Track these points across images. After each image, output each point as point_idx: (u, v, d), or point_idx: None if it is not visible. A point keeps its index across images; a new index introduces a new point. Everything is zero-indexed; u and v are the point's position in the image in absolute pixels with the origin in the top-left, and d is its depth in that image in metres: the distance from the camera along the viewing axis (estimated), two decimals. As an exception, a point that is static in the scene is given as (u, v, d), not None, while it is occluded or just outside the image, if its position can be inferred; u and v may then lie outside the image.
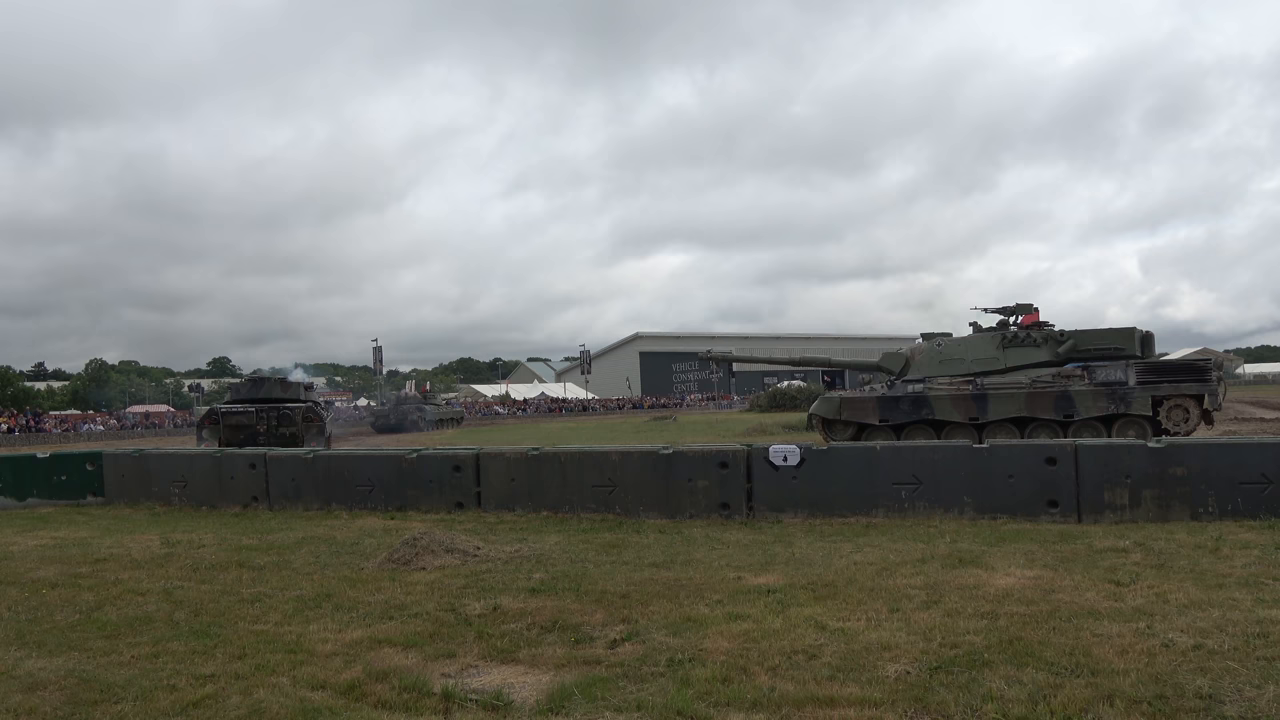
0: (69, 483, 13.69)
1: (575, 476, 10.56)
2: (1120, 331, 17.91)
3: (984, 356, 18.52)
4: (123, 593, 7.06)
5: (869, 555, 7.48)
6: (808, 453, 9.76)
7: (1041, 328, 18.58)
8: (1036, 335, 18.22)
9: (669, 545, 8.37)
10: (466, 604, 6.23)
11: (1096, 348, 17.78)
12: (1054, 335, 18.04)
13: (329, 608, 6.32)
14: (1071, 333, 18.10)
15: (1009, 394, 17.37)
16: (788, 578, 6.71)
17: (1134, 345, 17.73)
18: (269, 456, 12.42)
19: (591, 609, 5.97)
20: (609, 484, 10.37)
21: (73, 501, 13.51)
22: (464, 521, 10.33)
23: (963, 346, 18.98)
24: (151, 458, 13.45)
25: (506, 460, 11.06)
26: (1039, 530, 8.49)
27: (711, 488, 9.92)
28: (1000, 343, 18.48)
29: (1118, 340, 17.80)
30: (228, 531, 10.27)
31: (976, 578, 6.51)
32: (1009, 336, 18.44)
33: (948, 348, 19.13)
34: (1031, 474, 9.08)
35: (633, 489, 10.25)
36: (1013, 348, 18.31)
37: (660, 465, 10.20)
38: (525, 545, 8.52)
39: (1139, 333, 17.88)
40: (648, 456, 10.38)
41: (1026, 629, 5.13)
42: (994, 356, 18.40)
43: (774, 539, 8.52)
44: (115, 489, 13.46)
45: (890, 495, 9.41)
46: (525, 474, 10.83)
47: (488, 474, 11.03)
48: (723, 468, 9.91)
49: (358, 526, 10.27)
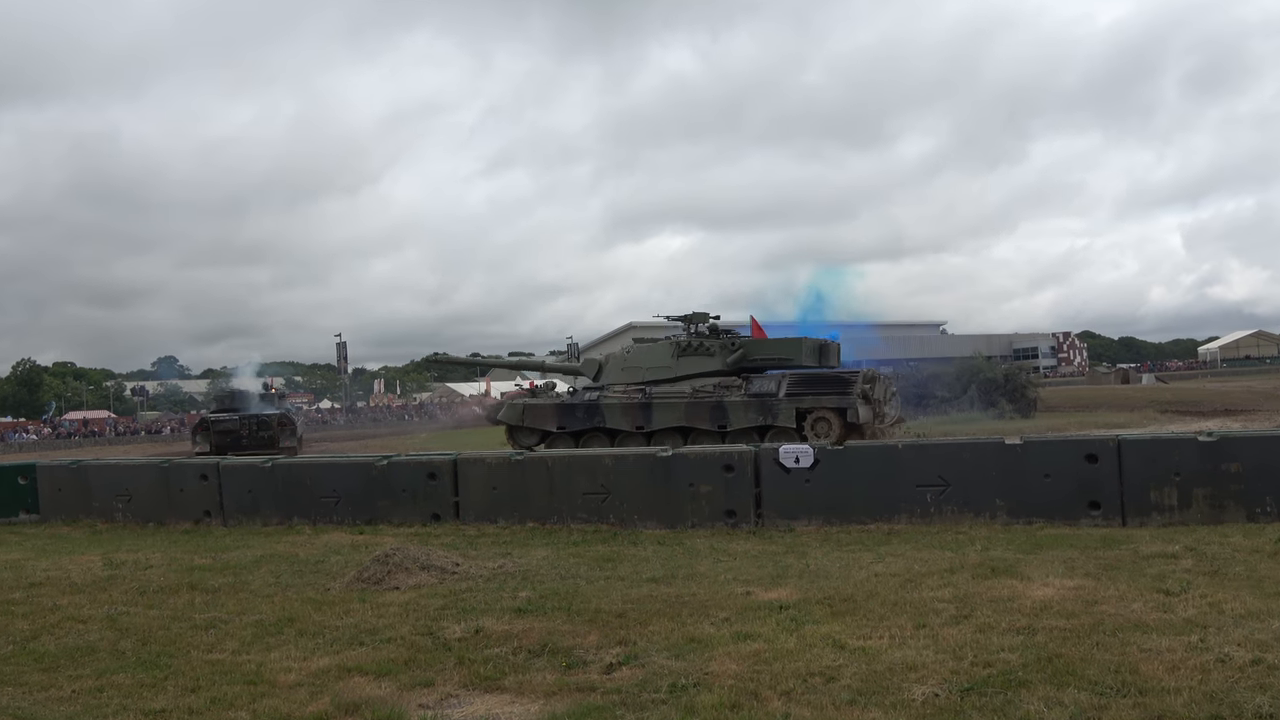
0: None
1: (564, 483, 10.55)
2: (788, 342, 20.14)
3: (659, 365, 20.40)
4: (61, 620, 7.03)
5: (891, 566, 7.49)
6: (822, 453, 9.78)
7: (719, 336, 20.52)
8: (711, 344, 20.13)
9: (669, 558, 8.37)
10: (445, 626, 6.22)
11: (764, 358, 19.90)
12: (726, 345, 19.99)
13: (292, 633, 6.30)
14: (742, 342, 20.16)
15: (671, 403, 19.38)
16: (802, 592, 6.72)
17: (802, 356, 19.80)
18: (222, 466, 12.40)
19: (584, 630, 5.97)
20: (602, 491, 10.36)
21: (3, 520, 13.44)
22: (441, 535, 10.31)
23: (642, 354, 20.88)
24: (91, 469, 13.40)
25: (487, 466, 11.03)
26: (1079, 535, 8.50)
27: (716, 493, 9.92)
28: (674, 352, 20.37)
29: (785, 351, 19.97)
30: (178, 550, 10.24)
31: (1011, 589, 6.52)
32: (682, 346, 20.35)
33: (630, 355, 21.07)
34: (1070, 473, 9.10)
35: (628, 496, 10.25)
36: (685, 357, 20.19)
37: (659, 469, 10.20)
38: (510, 560, 8.52)
39: (810, 343, 20.07)
40: (645, 460, 10.38)
41: (1067, 645, 5.13)
42: (667, 365, 20.27)
43: (786, 549, 8.53)
44: (51, 505, 13.40)
45: (914, 499, 9.41)
46: (508, 481, 10.81)
47: (467, 482, 11.01)
48: (728, 471, 9.91)
49: (322, 542, 10.25)
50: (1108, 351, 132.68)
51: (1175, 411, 29.17)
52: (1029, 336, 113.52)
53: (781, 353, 19.90)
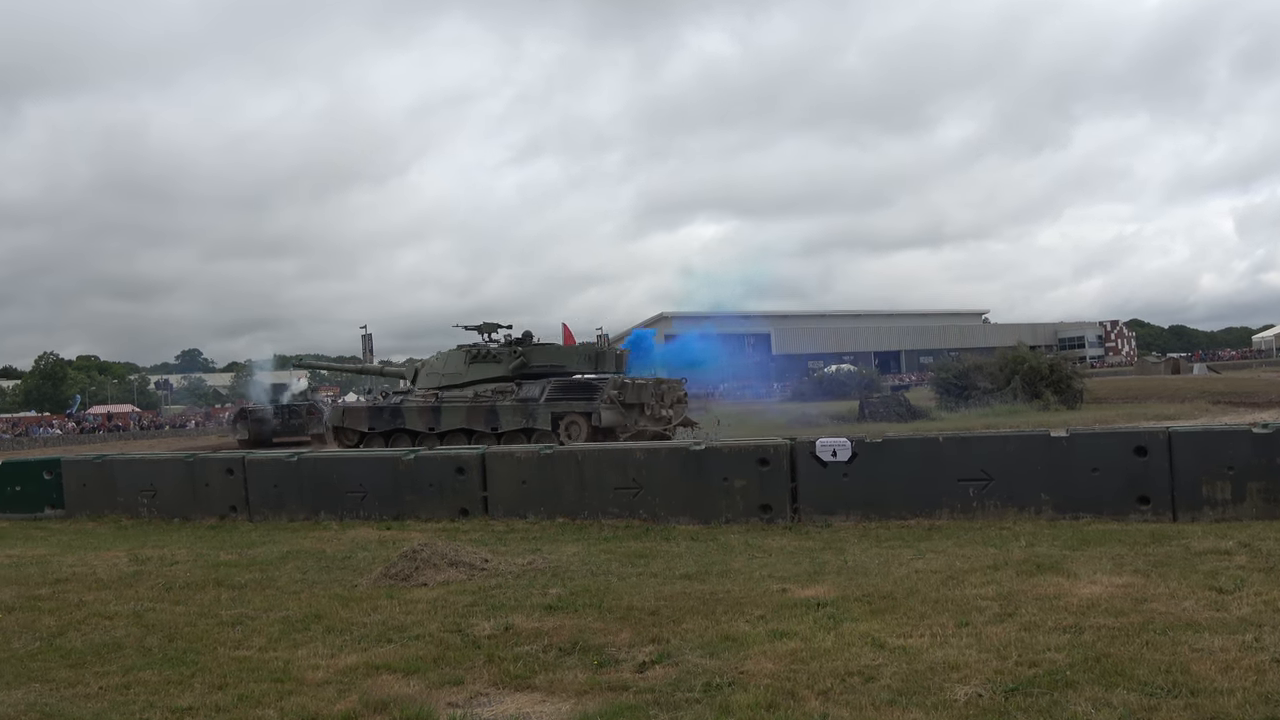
0: (24, 494, 13.88)
1: (595, 478, 10.60)
2: (563, 350, 23.00)
3: (453, 371, 23.07)
4: (88, 616, 7.13)
5: (932, 562, 7.48)
6: (860, 446, 9.76)
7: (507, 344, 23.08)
8: (499, 352, 22.60)
9: (703, 554, 8.40)
10: (474, 624, 6.27)
11: (541, 365, 22.35)
12: (509, 353, 22.51)
13: (319, 630, 6.37)
14: (523, 350, 22.61)
15: (456, 407, 21.96)
16: (840, 589, 6.72)
17: (578, 362, 22.36)
18: (247, 460, 12.55)
19: (616, 628, 5.99)
20: (633, 485, 10.41)
21: (29, 515, 13.70)
22: (469, 530, 10.40)
23: (441, 361, 23.61)
24: (116, 464, 13.59)
25: (516, 460, 11.11)
26: (1128, 531, 8.45)
27: (750, 488, 9.93)
28: (466, 359, 22.97)
29: (560, 358, 22.67)
30: (203, 546, 10.37)
31: (1057, 586, 6.49)
32: (472, 353, 22.94)
33: (433, 362, 23.79)
34: (1118, 466, 9.03)
35: (660, 491, 10.29)
36: (475, 363, 22.76)
37: (691, 463, 10.22)
38: (539, 556, 8.57)
39: (585, 350, 22.85)
40: (677, 454, 10.41)
41: (1115, 644, 5.11)
42: (459, 371, 22.90)
43: (823, 545, 8.53)
44: (76, 500, 13.60)
45: (956, 493, 9.39)
46: (538, 476, 10.88)
47: (495, 476, 11.09)
48: (763, 465, 9.91)
49: (349, 538, 10.35)
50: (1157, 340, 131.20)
51: (1228, 402, 28.76)
52: (1075, 325, 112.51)
53: (557, 360, 22.52)
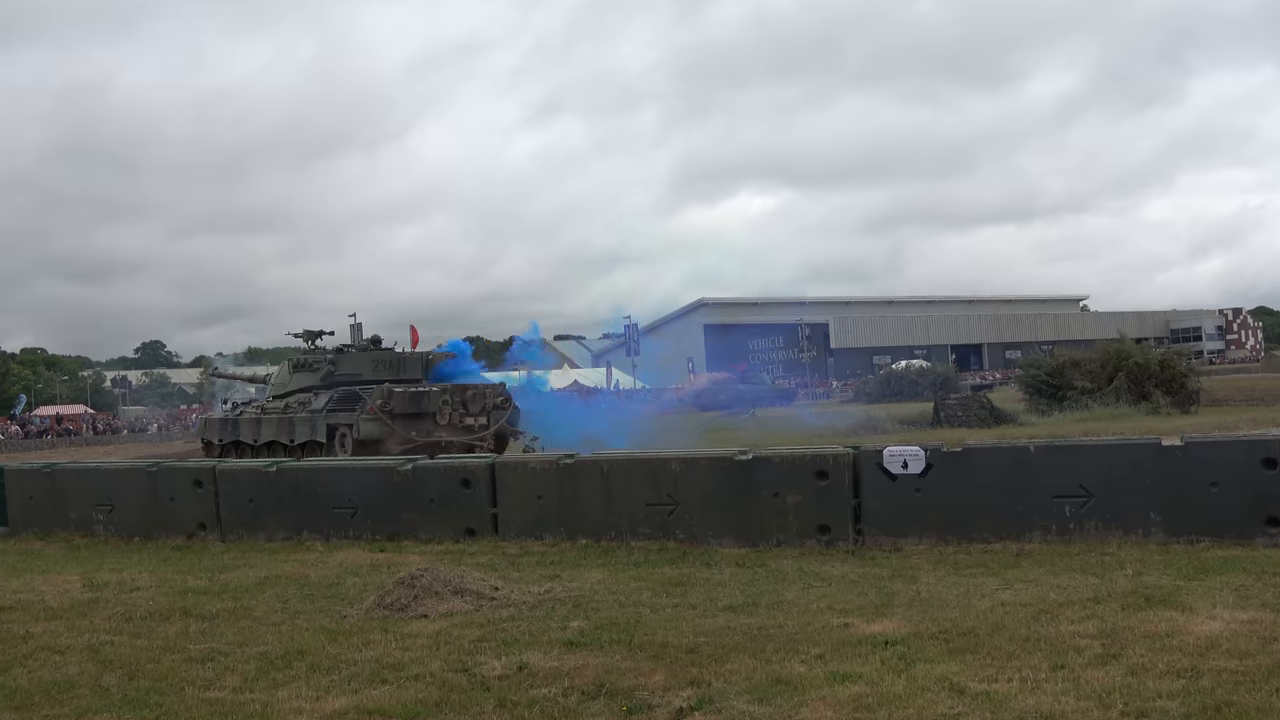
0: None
1: (623, 492, 10.55)
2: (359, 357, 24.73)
3: (281, 381, 25.53)
4: (35, 650, 7.15)
5: (1022, 593, 7.41)
6: (936, 456, 9.65)
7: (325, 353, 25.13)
8: (314, 361, 24.62)
9: (750, 582, 8.37)
10: (483, 662, 6.25)
11: (348, 373, 24.11)
12: (322, 361, 24.53)
13: (302, 668, 6.36)
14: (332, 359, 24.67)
15: (269, 418, 23.94)
16: (912, 624, 6.66)
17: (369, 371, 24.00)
18: (219, 471, 12.62)
19: (649, 668, 5.95)
20: (668, 501, 10.35)
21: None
22: (477, 553, 10.39)
23: (280, 371, 26.20)
24: (67, 474, 13.65)
25: (531, 471, 11.09)
26: (1254, 557, 8.27)
27: (806, 505, 9.84)
28: (290, 368, 25.22)
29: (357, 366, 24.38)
30: (168, 570, 10.43)
31: (1170, 623, 6.37)
32: (295, 363, 25.13)
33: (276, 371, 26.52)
34: (1242, 481, 8.84)
35: (700, 508, 10.22)
36: (297, 373, 24.80)
37: (736, 476, 10.14)
38: (558, 584, 8.57)
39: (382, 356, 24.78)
40: (719, 464, 10.32)
41: (1239, 691, 5.00)
42: (284, 381, 25.20)
43: (891, 572, 8.49)
44: (21, 516, 13.64)
45: (1050, 512, 9.25)
46: (556, 489, 10.84)
47: (507, 490, 11.06)
48: (821, 478, 9.81)
49: (337, 561, 10.39)
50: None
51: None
52: (1190, 314, 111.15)
53: (358, 369, 24.33)
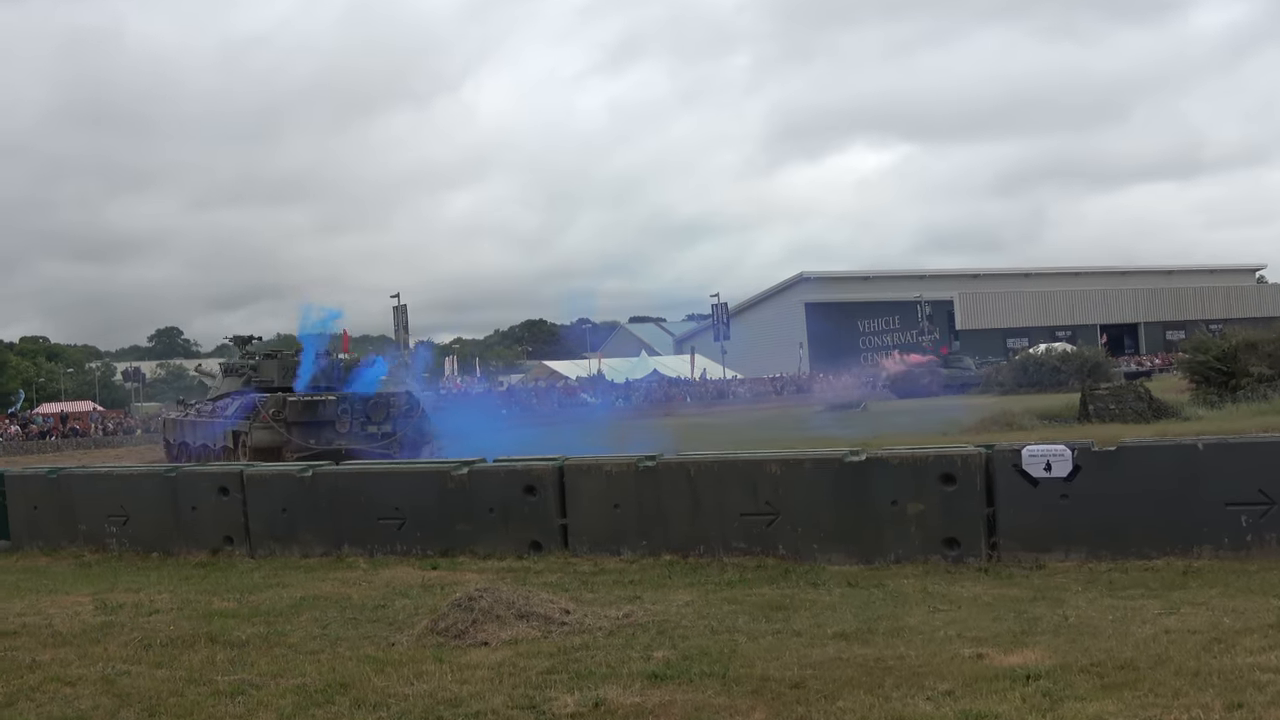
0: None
1: (713, 500, 10.50)
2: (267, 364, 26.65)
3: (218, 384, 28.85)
4: (43, 681, 7.23)
5: (1190, 619, 7.28)
6: (1084, 456, 9.47)
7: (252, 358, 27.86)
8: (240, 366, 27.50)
9: (864, 605, 8.31)
10: (553, 697, 6.23)
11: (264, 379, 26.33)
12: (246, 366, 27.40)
13: (345, 704, 6.40)
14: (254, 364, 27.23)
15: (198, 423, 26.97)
16: (1058, 655, 6.56)
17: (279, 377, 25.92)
18: (247, 476, 12.74)
19: (746, 705, 5.93)
20: (767, 511, 10.28)
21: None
22: (544, 570, 10.42)
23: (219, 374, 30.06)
24: (75, 481, 13.84)
25: (605, 475, 11.05)
26: None
27: (930, 514, 9.74)
28: (223, 372, 28.76)
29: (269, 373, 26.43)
30: (191, 590, 10.55)
31: None
32: (226, 367, 28.53)
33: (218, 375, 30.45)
34: None
35: (804, 518, 10.16)
36: (228, 376, 28.04)
37: (846, 481, 10.07)
38: (639, 606, 8.55)
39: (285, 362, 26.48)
40: (826, 467, 10.25)
41: None
42: (217, 385, 28.58)
43: (1033, 594, 8.38)
44: (24, 528, 13.87)
45: (1223, 522, 9.06)
46: (635, 496, 10.82)
47: (577, 498, 11.06)
48: (947, 483, 9.70)
49: (383, 580, 10.47)
50: None
51: None
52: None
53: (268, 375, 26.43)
